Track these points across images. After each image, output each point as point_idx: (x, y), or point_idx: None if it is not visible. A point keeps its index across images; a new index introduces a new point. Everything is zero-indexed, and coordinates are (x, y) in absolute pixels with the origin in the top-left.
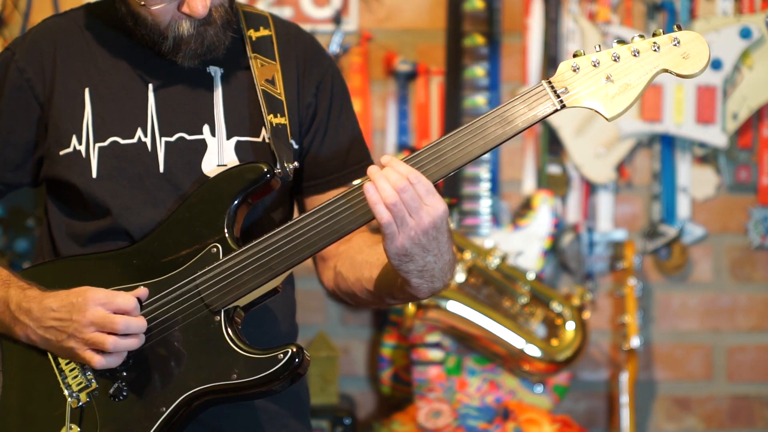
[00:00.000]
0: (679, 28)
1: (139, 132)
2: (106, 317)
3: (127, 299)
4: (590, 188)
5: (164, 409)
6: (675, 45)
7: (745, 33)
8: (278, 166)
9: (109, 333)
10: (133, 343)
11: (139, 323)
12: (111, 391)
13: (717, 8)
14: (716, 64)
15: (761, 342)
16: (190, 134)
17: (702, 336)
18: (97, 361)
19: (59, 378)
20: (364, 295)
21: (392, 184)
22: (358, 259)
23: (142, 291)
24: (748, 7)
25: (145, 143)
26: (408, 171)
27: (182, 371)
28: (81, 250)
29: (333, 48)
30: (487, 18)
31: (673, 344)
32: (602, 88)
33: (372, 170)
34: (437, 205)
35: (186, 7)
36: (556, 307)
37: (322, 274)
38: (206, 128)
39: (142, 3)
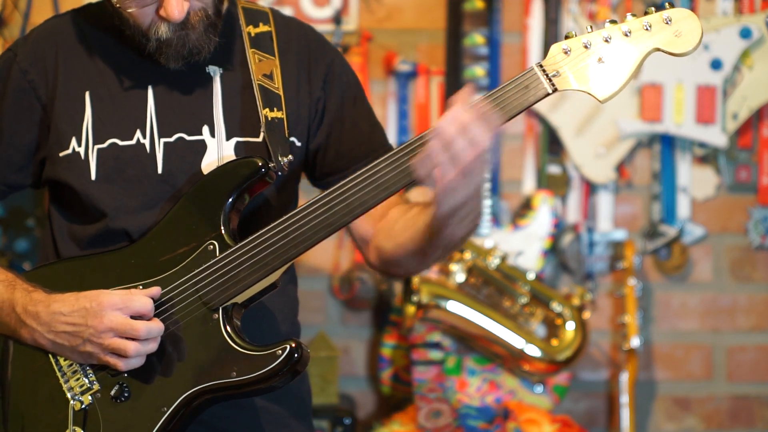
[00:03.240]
0: (671, 6)
1: (138, 133)
2: (126, 323)
3: (143, 302)
4: (590, 188)
5: (165, 408)
6: (667, 23)
7: (745, 33)
8: (273, 160)
9: (130, 338)
10: (154, 347)
11: (159, 327)
12: (113, 392)
13: (717, 8)
14: (716, 64)
15: (761, 342)
16: (189, 135)
17: (702, 336)
18: (122, 365)
19: (61, 381)
20: (408, 258)
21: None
22: (395, 228)
23: (156, 290)
24: (748, 7)
25: (143, 145)
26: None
27: (182, 370)
28: (81, 252)
29: None
30: (487, 18)
31: (673, 344)
32: (594, 70)
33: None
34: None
35: (162, 10)
36: (556, 307)
37: (369, 256)
38: (206, 129)
39: (118, 5)
